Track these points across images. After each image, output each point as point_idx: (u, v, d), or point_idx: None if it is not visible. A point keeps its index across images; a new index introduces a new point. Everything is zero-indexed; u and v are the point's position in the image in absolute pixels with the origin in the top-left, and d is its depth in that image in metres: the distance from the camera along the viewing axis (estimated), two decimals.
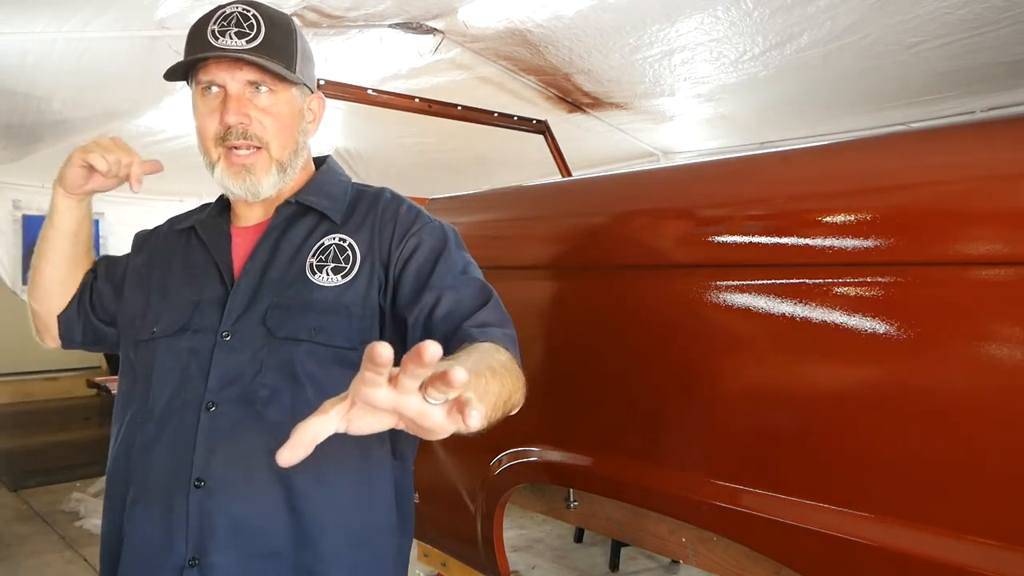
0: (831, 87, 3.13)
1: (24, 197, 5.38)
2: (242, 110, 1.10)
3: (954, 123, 1.41)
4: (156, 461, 1.09)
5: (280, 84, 1.14)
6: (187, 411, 1.08)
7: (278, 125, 1.14)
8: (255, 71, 1.11)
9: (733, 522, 1.20)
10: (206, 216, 1.24)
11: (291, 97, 1.16)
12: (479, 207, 1.84)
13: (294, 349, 1.08)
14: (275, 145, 1.14)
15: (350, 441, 1.10)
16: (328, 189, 1.22)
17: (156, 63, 2.96)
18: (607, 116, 3.81)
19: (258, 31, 1.11)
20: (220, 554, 1.04)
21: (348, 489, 1.11)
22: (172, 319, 1.14)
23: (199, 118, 1.14)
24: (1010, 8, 2.33)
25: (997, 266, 0.94)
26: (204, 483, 1.05)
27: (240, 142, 1.11)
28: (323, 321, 1.09)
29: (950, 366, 0.99)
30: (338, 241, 1.15)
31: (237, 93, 1.11)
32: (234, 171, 1.13)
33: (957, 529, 0.97)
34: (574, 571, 3.61)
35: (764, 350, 1.19)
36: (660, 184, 1.47)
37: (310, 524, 1.07)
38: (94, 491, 4.68)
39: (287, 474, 1.05)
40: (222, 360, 1.09)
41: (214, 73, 1.11)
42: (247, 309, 1.11)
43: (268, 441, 1.05)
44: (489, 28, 2.85)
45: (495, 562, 1.65)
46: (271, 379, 1.08)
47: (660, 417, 1.34)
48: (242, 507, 1.05)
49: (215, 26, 1.10)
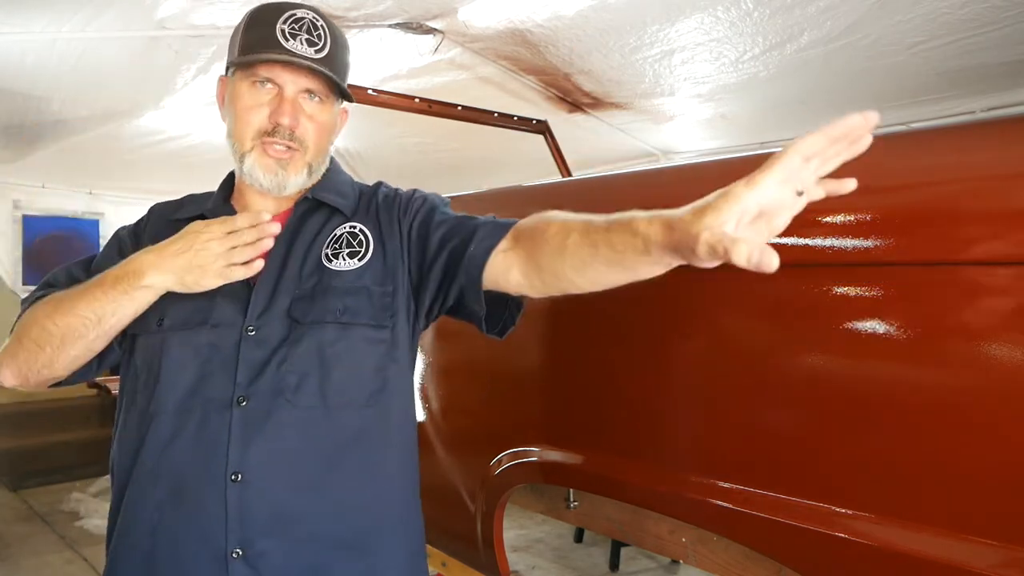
0: (831, 87, 3.13)
1: (24, 197, 5.38)
2: (297, 115, 1.14)
3: (954, 123, 1.41)
4: (181, 457, 1.08)
5: (330, 96, 1.19)
6: (211, 406, 1.08)
7: (319, 133, 1.18)
8: (317, 81, 1.15)
9: (733, 522, 1.20)
10: (213, 206, 1.24)
11: (333, 109, 1.21)
12: (479, 207, 1.84)
13: (321, 332, 1.11)
14: (312, 150, 1.18)
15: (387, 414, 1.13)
16: (340, 188, 1.26)
17: (156, 63, 2.97)
18: (607, 116, 3.81)
19: (325, 43, 1.15)
20: (266, 542, 1.05)
21: (384, 467, 1.14)
22: (184, 313, 1.13)
23: (242, 108, 1.15)
24: (1010, 8, 2.32)
25: (997, 266, 0.94)
26: (241, 476, 1.06)
27: (284, 141, 1.14)
28: (347, 302, 1.12)
29: (950, 366, 0.99)
30: (349, 229, 1.19)
31: (294, 96, 1.15)
32: (268, 164, 1.15)
33: (957, 529, 0.97)
34: (574, 571, 3.61)
35: (764, 350, 1.19)
36: (660, 184, 1.47)
37: (351, 504, 1.10)
38: (94, 491, 4.68)
39: (325, 455, 1.09)
40: (248, 355, 1.10)
41: (277, 72, 1.14)
42: (270, 303, 1.13)
43: (303, 427, 1.09)
44: (489, 28, 2.85)
45: (495, 562, 1.65)
46: (298, 365, 1.10)
47: (660, 417, 1.34)
48: (283, 495, 1.07)
49: (285, 26, 1.13)
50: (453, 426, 1.78)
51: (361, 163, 4.77)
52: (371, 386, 1.13)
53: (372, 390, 1.13)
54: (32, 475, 4.99)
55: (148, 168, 4.79)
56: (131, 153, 4.41)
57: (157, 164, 4.62)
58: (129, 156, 4.47)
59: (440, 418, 1.80)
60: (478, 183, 2.57)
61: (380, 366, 1.14)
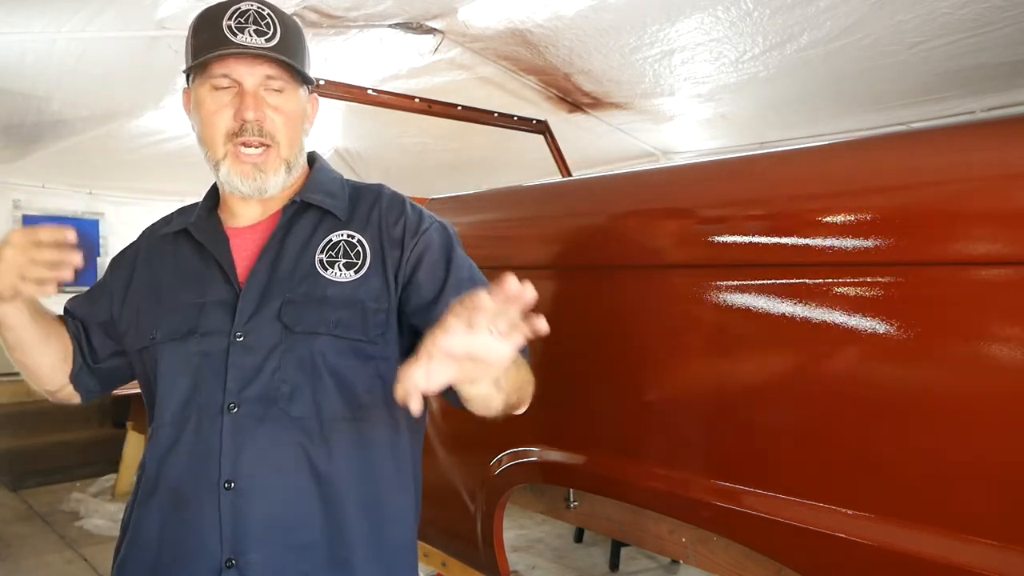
0: (831, 87, 3.13)
1: (24, 197, 5.39)
2: (260, 106, 1.11)
3: (954, 123, 1.41)
4: (178, 466, 1.09)
5: (291, 83, 1.15)
6: (204, 414, 1.08)
7: (288, 123, 1.14)
8: (274, 67, 1.12)
9: (733, 522, 1.20)
10: (195, 218, 1.22)
11: (298, 96, 1.17)
12: (479, 207, 1.84)
13: (313, 343, 1.09)
14: (284, 143, 1.14)
15: (379, 428, 1.13)
16: (328, 187, 1.22)
17: (156, 63, 2.97)
18: (607, 116, 3.82)
19: (275, 31, 1.12)
20: (257, 552, 1.05)
21: (376, 477, 1.13)
22: (174, 324, 1.13)
23: (207, 114, 1.12)
24: (1010, 8, 2.33)
25: (997, 266, 0.94)
26: (234, 484, 1.05)
27: (253, 139, 1.11)
28: (341, 315, 1.09)
29: (950, 366, 0.99)
30: (347, 238, 1.16)
31: (254, 89, 1.11)
32: (243, 169, 1.12)
33: (957, 529, 0.97)
34: (574, 571, 3.61)
35: (764, 350, 1.19)
36: (660, 184, 1.47)
37: (340, 513, 1.09)
38: (94, 491, 4.68)
39: (317, 467, 1.08)
40: (238, 361, 1.09)
41: (232, 67, 1.10)
42: (259, 308, 1.11)
43: (295, 436, 1.08)
44: (489, 28, 2.86)
45: (495, 562, 1.65)
46: (291, 375, 1.09)
47: (660, 417, 1.34)
48: (275, 504, 1.06)
49: (231, 22, 1.10)
50: (453, 426, 1.78)
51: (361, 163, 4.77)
52: (364, 399, 1.12)
53: (364, 403, 1.12)
54: (32, 475, 4.99)
55: (148, 168, 4.79)
56: (131, 153, 4.42)
57: (157, 164, 4.63)
58: (129, 156, 4.48)
59: (440, 418, 1.80)
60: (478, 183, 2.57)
61: (372, 380, 1.13)
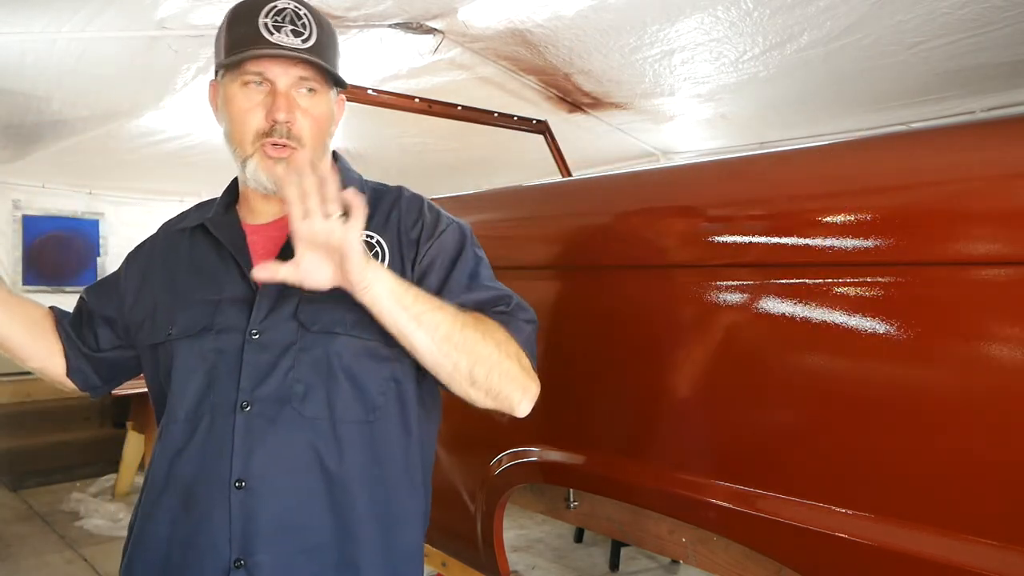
0: (831, 87, 3.13)
1: (24, 197, 5.39)
2: (292, 108, 1.10)
3: (954, 123, 1.41)
4: (190, 464, 1.08)
5: (323, 85, 1.14)
6: (218, 413, 1.08)
7: (316, 127, 1.14)
8: (308, 69, 1.11)
9: (733, 522, 1.20)
10: (213, 214, 1.22)
11: (329, 99, 1.16)
12: (479, 207, 1.84)
13: (329, 343, 1.09)
14: (311, 147, 1.14)
15: (391, 431, 1.12)
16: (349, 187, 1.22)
17: (156, 63, 2.97)
18: (607, 116, 3.81)
19: (311, 31, 1.11)
20: (266, 553, 1.04)
21: (386, 480, 1.12)
22: (190, 320, 1.13)
23: (237, 111, 1.12)
24: (1010, 8, 2.33)
25: (997, 266, 0.94)
26: (245, 483, 1.05)
27: (282, 140, 1.10)
28: (359, 315, 1.07)
29: (950, 366, 0.99)
30: (366, 238, 1.14)
31: (287, 90, 1.11)
32: (270, 166, 1.11)
33: (957, 529, 0.97)
34: (574, 571, 3.61)
35: (764, 350, 1.19)
36: (660, 184, 1.47)
37: (350, 515, 1.08)
38: (94, 491, 4.68)
39: (328, 469, 1.07)
40: (252, 359, 1.08)
41: (267, 67, 1.10)
42: (275, 306, 1.10)
43: (307, 437, 1.07)
44: (489, 28, 2.85)
45: (495, 562, 1.65)
46: (305, 375, 1.08)
47: (660, 417, 1.34)
48: (285, 505, 1.06)
49: (268, 20, 1.09)
50: (453, 426, 1.78)
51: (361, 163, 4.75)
52: (377, 401, 1.11)
53: (378, 405, 1.11)
54: (32, 475, 4.99)
55: (148, 168, 4.79)
56: (131, 153, 4.41)
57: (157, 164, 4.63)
58: (129, 156, 4.48)
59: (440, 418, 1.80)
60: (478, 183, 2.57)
61: (387, 383, 1.12)
